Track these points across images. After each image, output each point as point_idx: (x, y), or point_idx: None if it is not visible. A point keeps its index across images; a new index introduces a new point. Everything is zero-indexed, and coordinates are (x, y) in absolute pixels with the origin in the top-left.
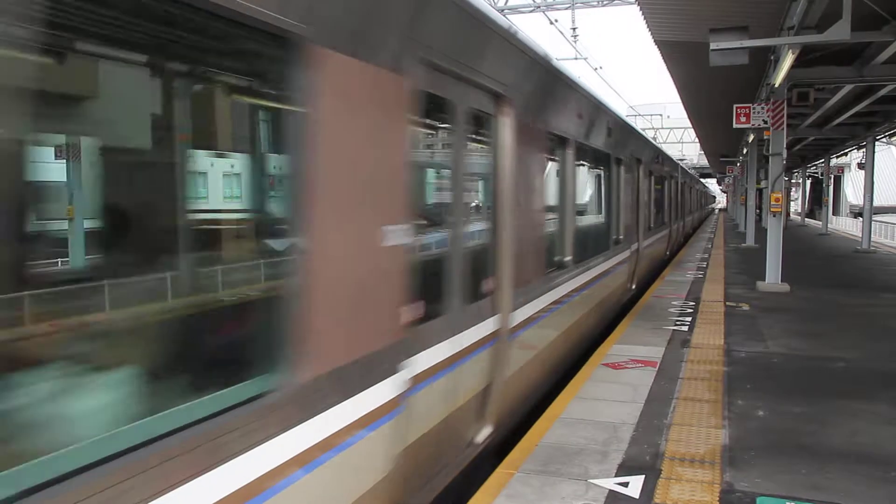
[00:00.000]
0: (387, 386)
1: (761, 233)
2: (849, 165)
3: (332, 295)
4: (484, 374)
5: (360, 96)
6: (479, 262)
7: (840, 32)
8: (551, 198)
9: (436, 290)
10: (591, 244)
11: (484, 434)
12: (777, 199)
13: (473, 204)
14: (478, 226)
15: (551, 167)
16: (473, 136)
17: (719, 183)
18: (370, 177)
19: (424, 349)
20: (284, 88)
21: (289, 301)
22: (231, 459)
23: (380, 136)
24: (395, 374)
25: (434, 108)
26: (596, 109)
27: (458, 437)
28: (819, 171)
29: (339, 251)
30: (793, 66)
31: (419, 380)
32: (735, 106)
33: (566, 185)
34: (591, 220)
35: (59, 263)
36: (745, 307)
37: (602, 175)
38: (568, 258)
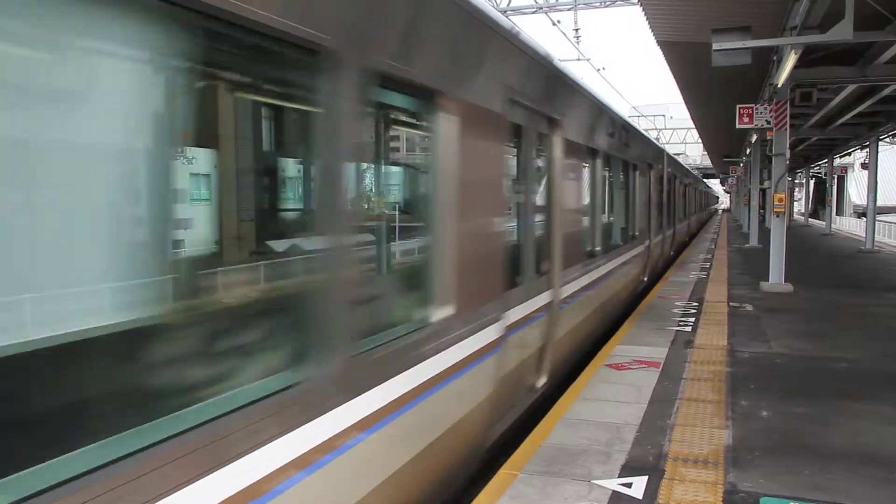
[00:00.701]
0: None
1: (765, 233)
2: (852, 165)
3: None
4: None
5: None
6: None
7: (843, 32)
8: None
9: None
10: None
11: None
12: (780, 200)
13: None
14: None
15: None
16: None
17: (722, 183)
18: None
19: None
20: None
21: None
22: None
23: None
24: None
25: None
26: None
27: None
28: (822, 171)
29: None
30: (795, 67)
31: None
32: (738, 106)
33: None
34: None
35: None
36: (749, 307)
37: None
38: None
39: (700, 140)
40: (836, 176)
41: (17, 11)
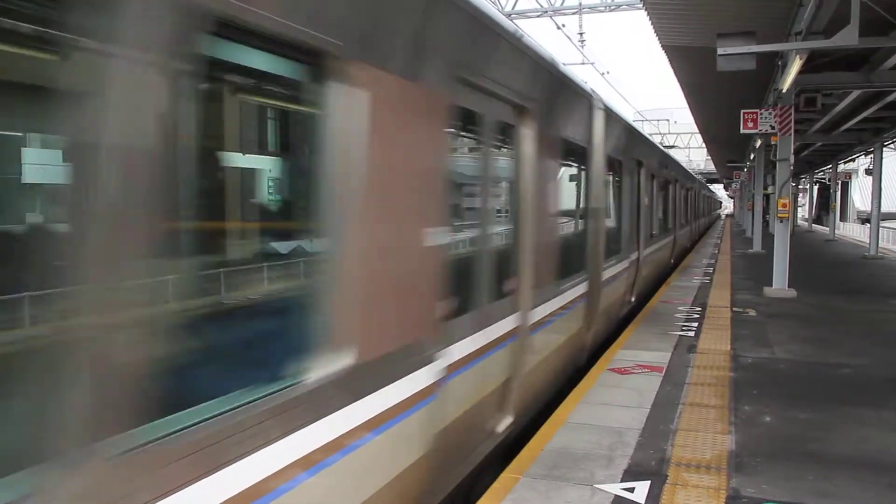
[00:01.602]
0: None
1: (768, 238)
2: (856, 171)
3: None
4: None
5: None
6: None
7: (847, 38)
8: None
9: None
10: None
11: None
12: (784, 205)
13: None
14: None
15: None
16: None
17: (726, 188)
18: None
19: None
20: None
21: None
22: None
23: None
24: None
25: None
26: None
27: None
28: (826, 176)
29: None
30: (800, 72)
31: None
32: (742, 111)
33: None
34: None
35: None
36: (752, 312)
37: None
38: None
39: (704, 145)
40: (840, 181)
41: None
